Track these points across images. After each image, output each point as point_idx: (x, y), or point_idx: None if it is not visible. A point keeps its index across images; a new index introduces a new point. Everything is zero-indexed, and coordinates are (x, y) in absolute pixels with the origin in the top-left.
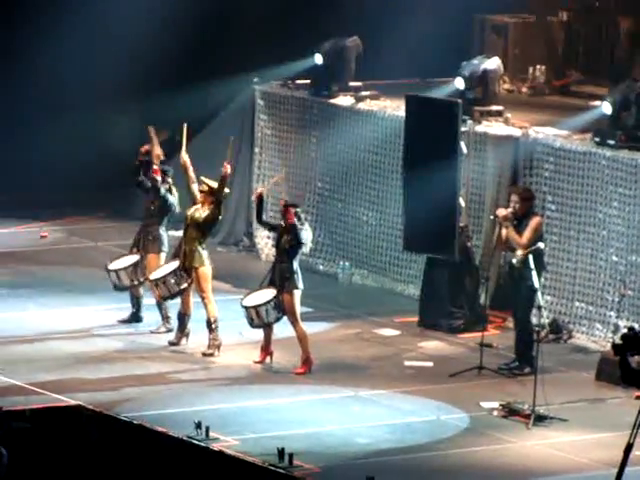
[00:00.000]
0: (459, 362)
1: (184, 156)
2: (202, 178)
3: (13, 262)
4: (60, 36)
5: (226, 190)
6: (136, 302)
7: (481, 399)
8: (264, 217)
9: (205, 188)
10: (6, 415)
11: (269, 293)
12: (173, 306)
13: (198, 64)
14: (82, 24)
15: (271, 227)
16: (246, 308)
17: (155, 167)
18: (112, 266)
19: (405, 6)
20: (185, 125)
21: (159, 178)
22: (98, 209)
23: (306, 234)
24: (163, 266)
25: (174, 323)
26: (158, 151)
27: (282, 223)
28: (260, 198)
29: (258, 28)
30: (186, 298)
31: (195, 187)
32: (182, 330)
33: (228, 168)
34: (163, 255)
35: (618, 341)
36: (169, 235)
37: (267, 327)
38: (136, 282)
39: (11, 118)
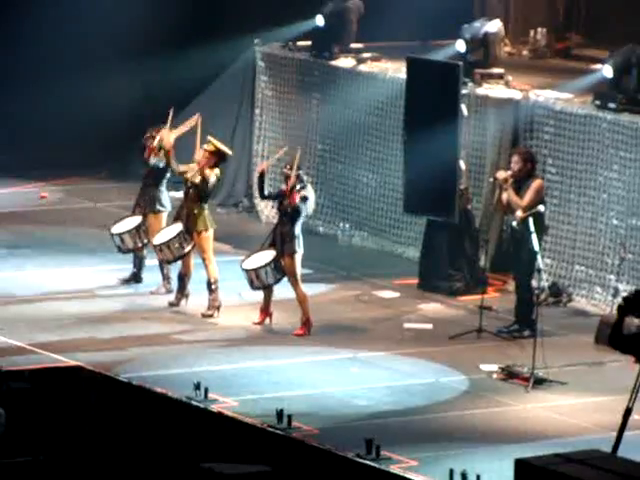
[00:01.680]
0: (458, 325)
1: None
2: (210, 137)
3: (12, 223)
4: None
5: (229, 151)
6: (138, 262)
7: (480, 362)
8: (266, 191)
9: (211, 148)
10: (5, 375)
11: (269, 255)
12: (174, 267)
13: (198, 25)
14: None
15: (275, 196)
16: (246, 270)
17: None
18: (115, 229)
19: None
20: (171, 111)
21: (152, 160)
22: (97, 169)
23: (309, 199)
24: (166, 229)
25: (174, 284)
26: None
27: (283, 187)
28: (262, 174)
29: None
30: (187, 259)
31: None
32: (182, 291)
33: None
34: (164, 215)
35: (621, 302)
36: (170, 195)
37: (267, 289)
38: (140, 244)
39: (10, 78)
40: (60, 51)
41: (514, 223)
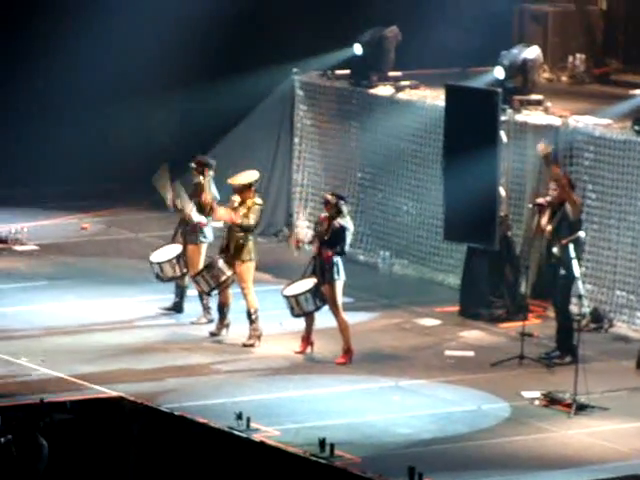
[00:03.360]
0: (500, 351)
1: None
2: (230, 181)
3: (54, 253)
4: (99, 27)
5: (252, 178)
6: (180, 292)
7: (522, 388)
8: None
9: (238, 186)
10: (47, 407)
11: (310, 282)
12: (214, 297)
13: (238, 55)
14: (121, 14)
15: (315, 236)
16: (287, 297)
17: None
18: (155, 258)
19: None
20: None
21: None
22: (138, 200)
23: (350, 234)
24: (206, 260)
25: (215, 314)
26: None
27: (322, 215)
28: (297, 244)
29: (298, 18)
30: (225, 289)
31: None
32: (222, 321)
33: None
34: (204, 246)
35: None
36: (211, 226)
37: (307, 316)
38: (179, 273)
39: (52, 111)
40: (101, 82)
41: (554, 249)
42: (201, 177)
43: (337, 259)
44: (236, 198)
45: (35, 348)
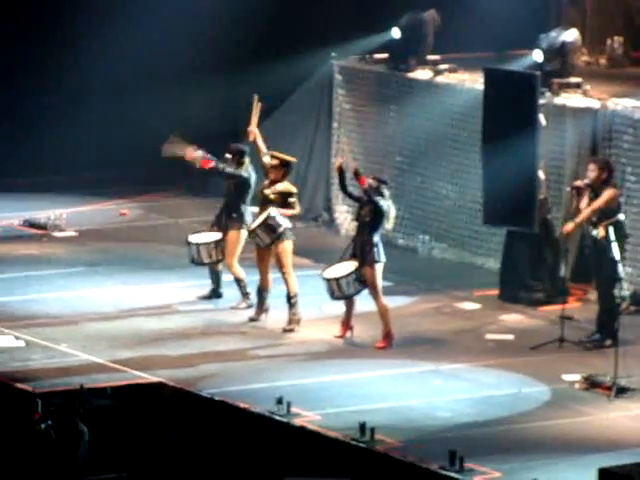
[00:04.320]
0: (540, 335)
1: (253, 128)
2: (273, 152)
3: (93, 240)
4: (136, 10)
5: (293, 159)
6: (215, 278)
7: (562, 372)
8: (348, 188)
9: (275, 162)
10: (87, 393)
11: (350, 265)
12: (252, 282)
13: (276, 40)
14: (160, 3)
15: (356, 198)
16: (327, 280)
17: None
18: (193, 239)
19: None
20: (256, 97)
21: (210, 165)
22: (177, 185)
23: (387, 210)
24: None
25: (254, 299)
26: (190, 153)
27: (362, 195)
28: (340, 169)
29: (336, 2)
30: (265, 274)
31: (266, 159)
32: (261, 306)
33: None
34: (244, 233)
35: None
36: (251, 212)
37: (348, 299)
38: (214, 259)
39: (90, 98)
40: (139, 68)
41: (594, 232)
42: (237, 166)
43: (377, 240)
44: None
45: (75, 334)
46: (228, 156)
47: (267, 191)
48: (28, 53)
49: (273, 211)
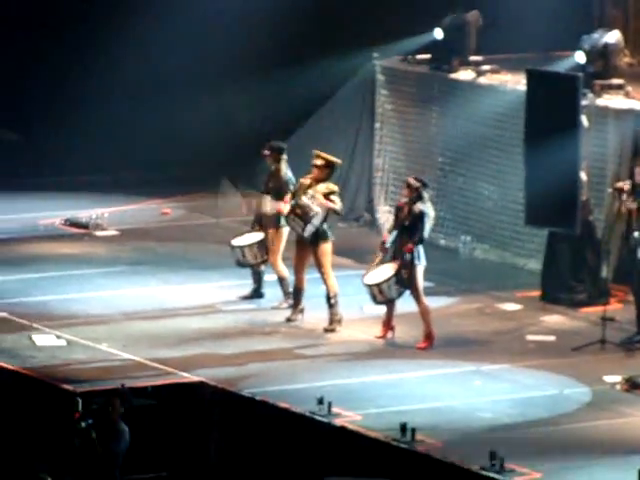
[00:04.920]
0: (581, 336)
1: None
2: (318, 152)
3: (135, 239)
4: (179, 12)
5: (338, 161)
6: (258, 278)
7: (604, 373)
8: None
9: (320, 162)
10: (128, 392)
11: (391, 268)
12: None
13: (318, 39)
14: (200, 5)
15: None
16: (369, 286)
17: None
18: (236, 242)
19: None
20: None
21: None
22: (220, 185)
23: (430, 220)
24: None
25: None
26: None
27: (401, 200)
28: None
29: (378, 3)
30: (300, 273)
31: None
32: (297, 306)
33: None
34: (285, 230)
35: None
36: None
37: (390, 302)
38: (260, 260)
39: (132, 97)
40: (181, 67)
41: (636, 234)
42: (275, 163)
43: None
44: (305, 181)
45: (116, 333)
46: (266, 152)
47: (310, 191)
48: (66, 54)
49: (307, 200)
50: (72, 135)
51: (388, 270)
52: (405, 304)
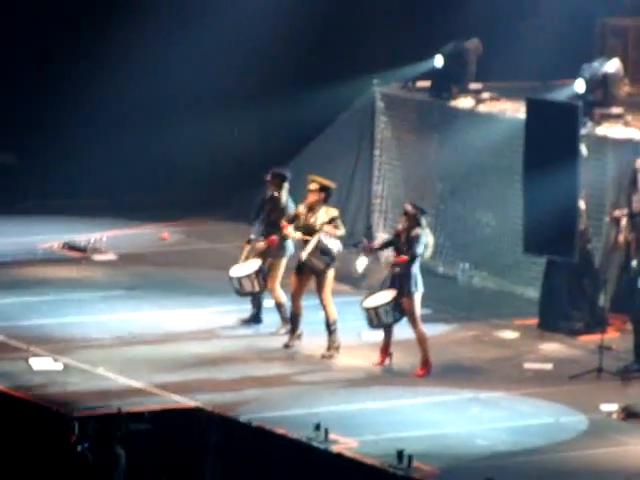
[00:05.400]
0: (579, 364)
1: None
2: (312, 176)
3: (133, 263)
4: (178, 39)
5: (332, 184)
6: (257, 303)
7: (601, 401)
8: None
9: (315, 186)
10: (125, 417)
11: (389, 294)
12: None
13: (318, 66)
14: (200, 26)
15: (389, 243)
16: (366, 309)
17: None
18: (234, 273)
19: (525, 8)
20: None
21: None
22: (218, 211)
23: (425, 241)
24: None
25: None
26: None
27: (399, 227)
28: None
29: (378, 30)
30: (297, 299)
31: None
32: (294, 332)
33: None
34: (284, 260)
35: None
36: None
37: (386, 328)
38: (257, 289)
39: (131, 121)
40: (181, 92)
41: (633, 263)
42: (277, 190)
43: (416, 270)
44: (301, 209)
45: (113, 358)
46: (268, 178)
47: (311, 220)
48: (65, 76)
49: (323, 236)
50: (70, 158)
51: (386, 295)
52: (403, 331)
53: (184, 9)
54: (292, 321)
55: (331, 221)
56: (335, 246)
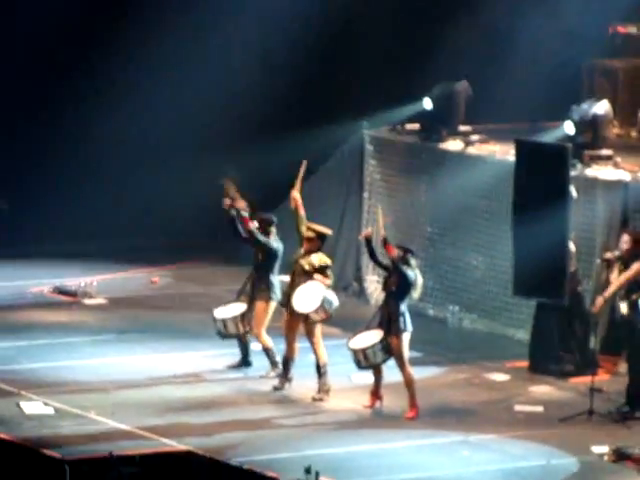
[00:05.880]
0: (569, 406)
1: (296, 194)
2: (309, 224)
3: (124, 307)
4: (170, 81)
5: (329, 232)
6: (244, 348)
7: (591, 443)
8: (377, 256)
9: (311, 234)
10: (116, 460)
11: (376, 335)
12: (281, 351)
13: (307, 109)
14: (189, 67)
15: (385, 267)
16: (353, 350)
17: (244, 215)
18: (218, 314)
19: (514, 50)
20: (304, 162)
21: (253, 226)
22: (208, 254)
23: (414, 279)
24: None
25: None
26: (240, 203)
27: (389, 264)
28: (368, 239)
29: (367, 73)
30: (291, 343)
31: (304, 228)
32: (286, 375)
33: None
34: (273, 303)
35: None
36: (280, 281)
37: (375, 368)
38: (242, 331)
39: (122, 163)
40: (168, 136)
41: (622, 305)
42: (265, 235)
43: (404, 310)
44: (299, 255)
45: (104, 401)
46: (255, 224)
47: (302, 261)
48: (58, 120)
49: (327, 294)
50: (60, 204)
51: (374, 336)
52: (393, 373)
53: (170, 54)
54: (284, 364)
55: (322, 269)
56: (335, 300)
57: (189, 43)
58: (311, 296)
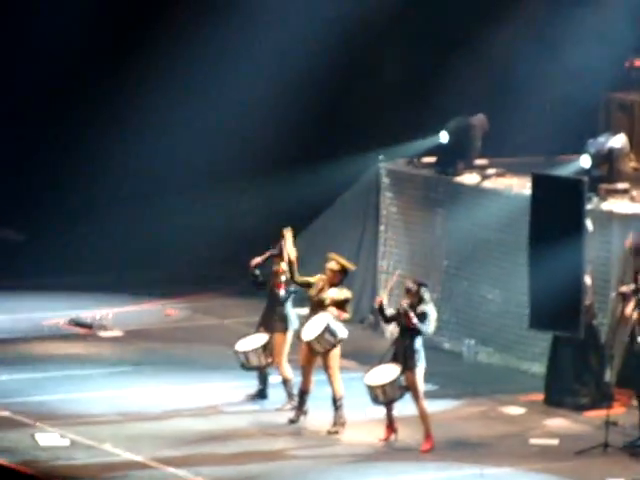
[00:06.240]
0: (584, 440)
1: (283, 266)
2: (334, 255)
3: (139, 340)
4: (186, 114)
5: (352, 267)
6: (263, 379)
7: (607, 476)
8: (388, 315)
9: (336, 267)
10: None
11: (392, 369)
12: (298, 384)
13: (324, 142)
14: (203, 103)
15: (398, 315)
16: (371, 387)
17: (279, 282)
18: (240, 347)
19: (531, 85)
20: (288, 230)
21: (283, 294)
22: (224, 286)
23: (428, 316)
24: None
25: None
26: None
27: (403, 303)
28: (381, 306)
29: (384, 106)
30: (308, 375)
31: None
32: (301, 407)
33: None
34: (290, 334)
35: None
36: (295, 313)
37: (391, 404)
38: (264, 363)
39: (136, 196)
40: (184, 169)
41: (639, 338)
42: (282, 264)
43: (419, 345)
44: (319, 281)
45: (119, 433)
46: (275, 252)
47: (323, 296)
48: (72, 151)
49: (330, 321)
50: (76, 236)
51: (390, 371)
52: (408, 407)
53: (188, 87)
54: (300, 397)
55: (342, 303)
56: (341, 332)
57: (206, 75)
58: (317, 326)
